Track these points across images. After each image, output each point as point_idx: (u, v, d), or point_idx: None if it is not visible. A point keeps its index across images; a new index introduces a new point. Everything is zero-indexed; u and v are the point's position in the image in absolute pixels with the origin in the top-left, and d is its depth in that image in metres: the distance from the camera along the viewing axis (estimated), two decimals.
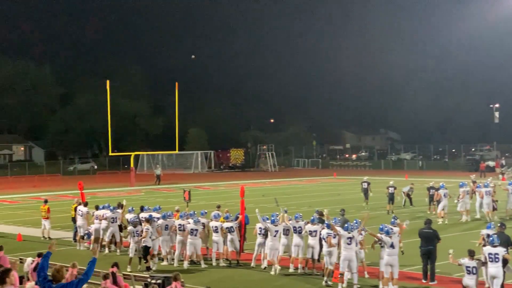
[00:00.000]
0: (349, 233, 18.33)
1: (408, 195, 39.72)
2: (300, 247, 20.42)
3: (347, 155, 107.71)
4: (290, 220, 21.04)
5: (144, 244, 21.09)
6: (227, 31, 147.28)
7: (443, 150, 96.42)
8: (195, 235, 21.69)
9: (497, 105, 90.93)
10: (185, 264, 21.63)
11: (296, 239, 20.50)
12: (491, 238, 16.69)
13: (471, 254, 16.44)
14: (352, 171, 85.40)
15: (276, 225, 20.78)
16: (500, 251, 16.26)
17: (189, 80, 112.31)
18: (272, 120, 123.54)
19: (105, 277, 14.97)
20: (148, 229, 21.28)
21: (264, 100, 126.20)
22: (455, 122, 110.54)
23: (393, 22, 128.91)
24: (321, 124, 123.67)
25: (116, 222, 24.34)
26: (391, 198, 37.05)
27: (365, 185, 40.56)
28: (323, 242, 19.28)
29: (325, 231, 19.26)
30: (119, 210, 24.86)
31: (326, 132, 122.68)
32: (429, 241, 19.42)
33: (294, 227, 20.64)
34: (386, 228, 18.00)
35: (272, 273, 20.25)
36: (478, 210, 33.32)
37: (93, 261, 10.64)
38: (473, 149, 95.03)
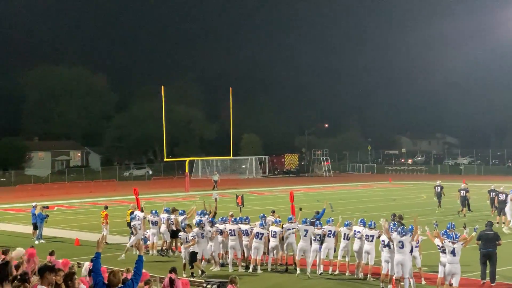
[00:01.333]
0: (401, 236, 18.06)
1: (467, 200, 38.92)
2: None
3: (402, 160, 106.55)
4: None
5: (192, 250, 21.11)
6: (282, 34, 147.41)
7: (501, 155, 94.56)
8: (261, 239, 21.64)
9: None
10: (251, 268, 21.59)
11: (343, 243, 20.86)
12: None
13: None
14: (408, 176, 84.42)
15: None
16: None
17: (244, 86, 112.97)
18: (326, 125, 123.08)
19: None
20: (194, 236, 21.30)
21: (319, 105, 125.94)
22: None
23: (448, 21, 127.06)
24: (376, 128, 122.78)
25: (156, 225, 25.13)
26: (463, 201, 36.52)
27: (438, 189, 39.60)
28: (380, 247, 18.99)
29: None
30: (167, 215, 25.19)
31: (381, 137, 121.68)
32: (489, 242, 18.99)
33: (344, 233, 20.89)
34: (451, 234, 17.59)
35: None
36: None
37: (140, 259, 10.67)
38: None
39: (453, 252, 17.12)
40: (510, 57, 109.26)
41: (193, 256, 21.05)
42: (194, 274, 20.72)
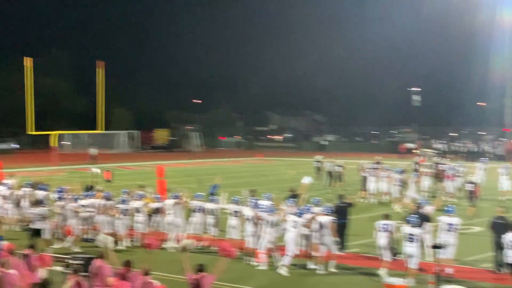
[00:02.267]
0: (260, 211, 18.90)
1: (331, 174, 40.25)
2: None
3: (272, 136, 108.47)
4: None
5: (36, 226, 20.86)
6: (154, 13, 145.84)
7: (365, 132, 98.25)
8: (125, 215, 21.77)
9: (417, 88, 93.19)
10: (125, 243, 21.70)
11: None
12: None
13: None
14: (277, 152, 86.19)
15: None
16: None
17: (116, 61, 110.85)
18: (198, 101, 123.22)
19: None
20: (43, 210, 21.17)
21: (191, 81, 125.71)
22: (376, 105, 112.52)
23: (319, 7, 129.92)
24: (246, 105, 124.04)
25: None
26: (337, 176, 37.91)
27: (317, 164, 40.39)
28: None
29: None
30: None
31: (251, 113, 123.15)
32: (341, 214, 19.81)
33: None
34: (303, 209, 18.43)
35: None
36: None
37: None
38: (393, 131, 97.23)
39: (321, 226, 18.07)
40: (374, 39, 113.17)
41: (36, 232, 20.73)
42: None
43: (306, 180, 24.41)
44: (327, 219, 18.63)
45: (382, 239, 17.87)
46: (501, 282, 17.16)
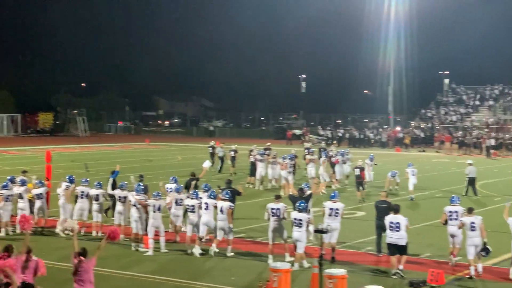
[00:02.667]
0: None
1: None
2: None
3: (159, 121, 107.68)
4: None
5: None
6: None
7: (253, 118, 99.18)
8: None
9: (303, 76, 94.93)
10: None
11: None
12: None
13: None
14: (165, 137, 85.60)
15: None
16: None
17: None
18: (83, 84, 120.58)
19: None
20: None
21: (76, 64, 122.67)
22: (265, 92, 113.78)
23: None
24: (134, 89, 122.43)
25: None
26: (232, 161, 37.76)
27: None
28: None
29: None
30: None
31: (139, 98, 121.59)
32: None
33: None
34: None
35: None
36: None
37: None
38: (281, 118, 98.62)
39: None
40: (262, 26, 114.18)
41: None
42: None
43: (206, 164, 24.63)
44: (225, 205, 18.67)
45: (272, 223, 18.08)
46: (380, 264, 17.74)
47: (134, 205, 19.25)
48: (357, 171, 29.20)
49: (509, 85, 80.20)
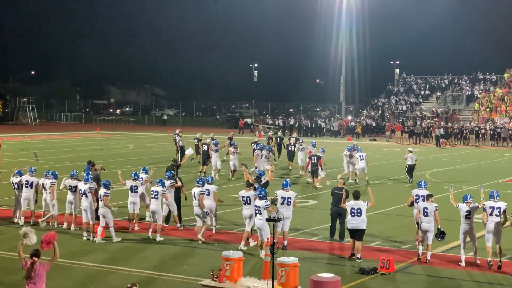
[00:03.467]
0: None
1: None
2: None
3: (111, 110, 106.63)
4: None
5: None
6: None
7: (205, 107, 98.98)
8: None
9: (256, 65, 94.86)
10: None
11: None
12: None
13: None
14: (116, 126, 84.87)
15: None
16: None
17: None
18: (33, 72, 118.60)
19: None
20: None
21: (26, 52, 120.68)
22: (217, 81, 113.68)
23: None
24: (85, 78, 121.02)
25: None
26: (197, 150, 37.07)
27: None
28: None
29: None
30: None
31: (90, 86, 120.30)
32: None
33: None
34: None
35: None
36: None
37: None
38: (233, 107, 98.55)
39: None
40: (215, 16, 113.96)
41: None
42: None
43: (188, 151, 25.44)
44: (197, 190, 18.78)
45: (243, 211, 18.24)
46: (332, 252, 17.89)
47: (84, 194, 19.11)
48: (314, 159, 29.34)
49: (458, 75, 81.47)
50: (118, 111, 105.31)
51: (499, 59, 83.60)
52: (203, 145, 34.17)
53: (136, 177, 20.39)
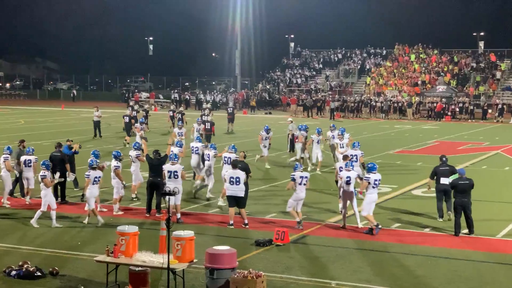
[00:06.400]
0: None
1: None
2: None
3: (0, 84, 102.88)
4: None
5: None
6: None
7: (99, 81, 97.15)
8: None
9: (151, 38, 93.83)
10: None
11: None
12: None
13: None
14: (6, 101, 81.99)
15: None
16: None
17: None
18: None
19: None
20: None
21: None
22: (112, 54, 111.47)
23: None
24: None
25: None
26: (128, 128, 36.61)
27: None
28: None
29: None
30: None
31: None
32: None
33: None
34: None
35: None
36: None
37: None
38: (128, 81, 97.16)
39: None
40: None
41: None
42: None
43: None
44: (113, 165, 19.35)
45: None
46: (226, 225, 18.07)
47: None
48: (208, 125, 29.41)
49: (351, 49, 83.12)
50: (7, 85, 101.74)
51: (389, 34, 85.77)
52: (125, 117, 37.13)
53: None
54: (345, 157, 19.94)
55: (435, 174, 18.84)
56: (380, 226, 17.12)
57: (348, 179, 17.71)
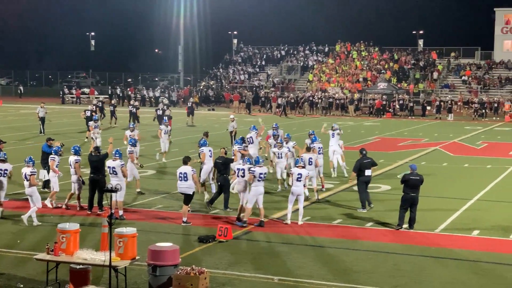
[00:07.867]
0: None
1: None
2: None
3: None
4: None
5: None
6: None
7: (39, 76, 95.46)
8: None
9: (93, 33, 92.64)
10: None
11: None
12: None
13: None
14: None
15: None
16: None
17: None
18: None
19: None
20: None
21: None
22: (53, 48, 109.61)
23: None
24: None
25: None
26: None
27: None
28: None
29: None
30: None
31: None
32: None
33: None
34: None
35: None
36: None
37: None
38: (69, 76, 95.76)
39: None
40: None
41: None
42: None
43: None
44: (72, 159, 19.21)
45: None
46: (174, 221, 17.99)
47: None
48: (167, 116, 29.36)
49: (294, 46, 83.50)
50: None
51: (332, 31, 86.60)
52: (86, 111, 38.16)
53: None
54: (308, 149, 21.09)
55: (359, 166, 19.43)
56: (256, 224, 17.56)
57: (299, 176, 17.90)
